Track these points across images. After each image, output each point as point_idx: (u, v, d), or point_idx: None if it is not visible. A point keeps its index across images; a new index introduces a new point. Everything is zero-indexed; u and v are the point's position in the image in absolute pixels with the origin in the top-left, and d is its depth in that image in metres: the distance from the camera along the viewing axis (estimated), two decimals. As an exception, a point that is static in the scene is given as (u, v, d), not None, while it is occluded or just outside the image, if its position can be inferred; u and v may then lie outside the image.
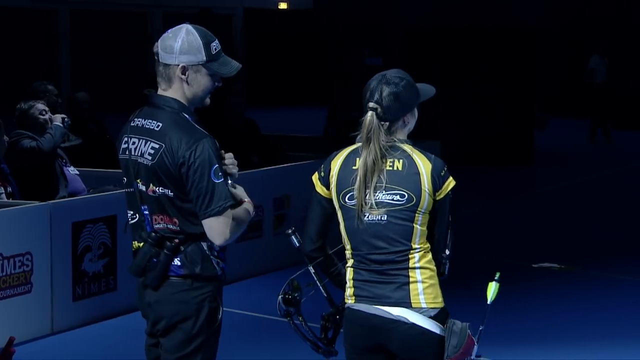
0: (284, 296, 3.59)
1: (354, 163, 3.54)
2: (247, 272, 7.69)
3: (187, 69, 3.59)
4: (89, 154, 8.22)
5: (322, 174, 3.59)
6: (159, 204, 3.58)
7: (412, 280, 3.49)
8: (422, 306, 3.48)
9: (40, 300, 6.33)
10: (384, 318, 3.48)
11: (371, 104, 3.53)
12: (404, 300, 3.48)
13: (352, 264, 3.56)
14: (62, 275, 6.43)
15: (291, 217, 8.26)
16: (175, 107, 3.61)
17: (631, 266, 8.37)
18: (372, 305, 3.50)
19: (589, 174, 13.74)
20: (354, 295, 3.54)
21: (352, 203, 3.51)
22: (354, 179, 3.51)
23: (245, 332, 6.43)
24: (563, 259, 8.44)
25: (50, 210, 6.43)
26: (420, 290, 3.48)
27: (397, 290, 3.48)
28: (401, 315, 3.47)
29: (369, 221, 3.49)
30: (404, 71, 3.64)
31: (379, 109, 3.52)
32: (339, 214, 3.56)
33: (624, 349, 6.25)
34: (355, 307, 3.54)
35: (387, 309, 3.48)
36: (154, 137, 3.57)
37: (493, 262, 8.37)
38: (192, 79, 3.61)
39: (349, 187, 3.52)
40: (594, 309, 7.10)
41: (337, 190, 3.54)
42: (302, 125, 17.41)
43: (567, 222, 10.43)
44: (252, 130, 9.45)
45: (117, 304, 6.65)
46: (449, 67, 14.11)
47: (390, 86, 3.54)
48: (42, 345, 6.20)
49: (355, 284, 3.54)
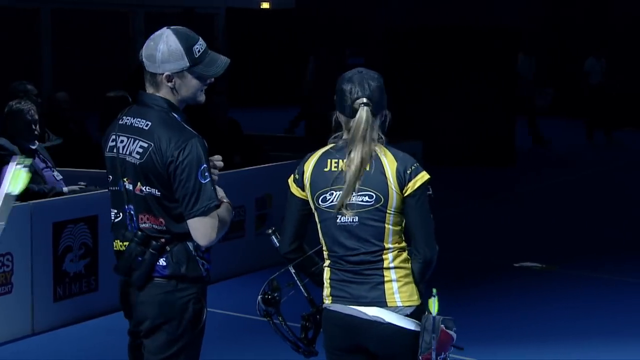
0: (263, 296, 3.59)
1: (325, 165, 3.52)
2: (229, 272, 7.68)
3: (172, 77, 3.58)
4: (69, 154, 8.18)
5: (296, 176, 3.58)
6: (146, 203, 3.57)
7: (387, 280, 3.48)
8: (397, 305, 3.47)
9: (21, 300, 6.29)
10: (360, 319, 3.48)
11: (363, 99, 3.47)
12: (379, 300, 3.47)
13: (329, 264, 3.56)
14: (43, 276, 6.41)
15: (273, 217, 8.25)
16: (165, 107, 3.60)
17: (612, 265, 8.41)
18: (347, 306, 3.50)
19: (571, 174, 13.80)
20: (330, 296, 3.54)
21: (325, 205, 3.50)
22: (331, 181, 3.49)
23: (227, 332, 6.42)
24: (544, 258, 8.48)
25: (31, 210, 6.40)
26: (395, 289, 3.48)
27: (372, 290, 3.48)
28: (377, 315, 3.47)
29: (342, 223, 3.49)
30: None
31: (370, 104, 3.48)
32: (315, 215, 3.56)
33: (604, 348, 6.28)
34: (332, 307, 3.54)
35: (363, 309, 3.48)
36: (142, 136, 3.56)
37: (474, 262, 8.40)
38: (179, 85, 3.60)
39: (321, 189, 3.51)
40: (574, 308, 7.14)
41: (312, 192, 3.53)
42: (284, 126, 17.41)
43: (549, 222, 10.47)
44: (235, 130, 9.45)
45: (99, 304, 6.63)
46: (430, 67, 14.14)
47: (374, 80, 3.51)
48: (23, 345, 6.17)
49: (332, 284, 3.54)
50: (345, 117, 3.52)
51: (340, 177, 3.49)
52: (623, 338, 6.50)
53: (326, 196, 3.50)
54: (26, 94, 8.16)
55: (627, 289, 7.73)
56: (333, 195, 3.49)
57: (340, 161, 3.50)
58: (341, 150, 3.52)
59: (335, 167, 3.51)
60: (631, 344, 6.40)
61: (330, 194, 3.50)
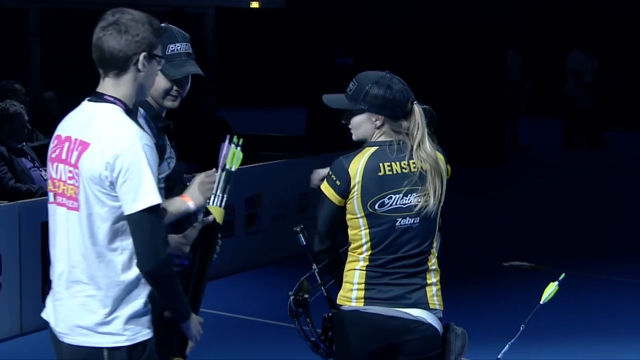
0: (295, 297, 3.54)
1: (378, 169, 3.49)
2: (219, 272, 7.66)
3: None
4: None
5: (337, 182, 3.50)
6: None
7: (428, 283, 3.55)
8: (437, 307, 3.55)
9: (9, 300, 6.27)
10: (404, 319, 3.50)
11: (413, 97, 3.59)
12: (422, 302, 3.52)
13: (365, 267, 3.52)
14: (31, 276, 6.38)
15: (263, 217, 8.24)
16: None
17: (602, 264, 8.43)
18: (389, 308, 3.50)
19: (560, 173, 13.83)
20: (363, 298, 3.51)
21: (383, 210, 3.48)
22: (388, 185, 3.47)
23: (217, 332, 6.40)
24: (534, 257, 8.49)
25: (19, 210, 6.37)
26: (434, 292, 3.56)
27: (415, 292, 3.52)
28: (420, 316, 3.51)
29: (402, 226, 3.49)
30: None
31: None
32: (361, 221, 3.51)
33: (594, 347, 6.30)
34: (369, 309, 3.51)
35: (407, 310, 3.50)
36: None
37: (464, 261, 8.40)
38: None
39: (377, 195, 3.48)
40: (564, 307, 7.14)
41: (363, 199, 3.48)
42: (274, 125, 17.40)
43: (538, 221, 10.49)
44: (224, 130, 9.43)
45: (87, 304, 6.60)
46: (418, 67, 14.14)
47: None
48: (11, 346, 6.15)
49: (367, 287, 3.51)
50: (395, 119, 3.52)
51: (397, 179, 3.48)
52: (614, 337, 6.52)
53: (384, 201, 3.48)
54: (14, 94, 8.14)
55: (621, 288, 7.76)
56: (392, 200, 3.48)
57: (393, 164, 3.49)
58: (392, 150, 3.51)
59: (390, 171, 3.49)
60: (622, 343, 6.41)
61: (388, 198, 3.48)
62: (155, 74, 3.19)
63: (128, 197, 2.96)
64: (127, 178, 2.95)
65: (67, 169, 3.06)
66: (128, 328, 3.03)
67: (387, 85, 3.53)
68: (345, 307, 3.54)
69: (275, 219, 8.40)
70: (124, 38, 3.04)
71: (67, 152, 3.06)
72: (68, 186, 3.06)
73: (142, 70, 3.08)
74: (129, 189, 2.95)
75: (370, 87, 3.53)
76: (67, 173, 3.06)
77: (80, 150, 3.02)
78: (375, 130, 3.54)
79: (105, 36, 3.06)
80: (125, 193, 2.96)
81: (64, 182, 3.07)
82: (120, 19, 3.06)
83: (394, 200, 3.48)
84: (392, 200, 3.48)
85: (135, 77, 3.08)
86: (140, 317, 3.05)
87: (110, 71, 3.09)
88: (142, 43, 3.05)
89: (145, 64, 3.07)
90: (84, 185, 3.01)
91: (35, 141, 7.79)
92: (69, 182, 3.06)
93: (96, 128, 3.01)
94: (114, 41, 3.05)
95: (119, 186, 2.96)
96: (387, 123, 3.53)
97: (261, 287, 7.45)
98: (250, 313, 6.84)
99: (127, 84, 3.08)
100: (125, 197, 2.96)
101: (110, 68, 3.08)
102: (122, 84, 3.08)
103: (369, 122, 3.54)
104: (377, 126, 3.53)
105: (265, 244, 8.09)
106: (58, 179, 3.10)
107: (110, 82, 3.09)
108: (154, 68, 3.13)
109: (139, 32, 3.05)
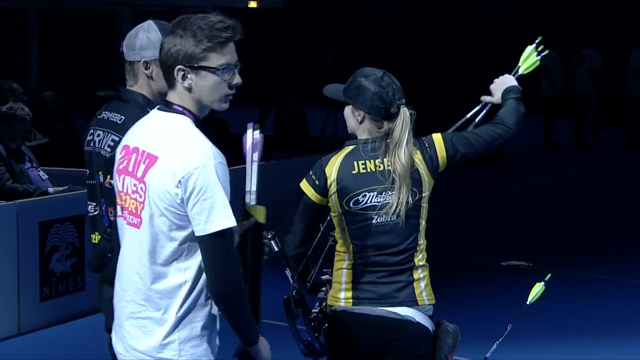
0: (295, 297, 3.48)
1: (352, 168, 3.49)
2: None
3: (149, 64, 3.61)
4: (56, 153, 8.15)
5: (316, 182, 3.52)
6: (113, 197, 3.56)
7: (415, 279, 3.52)
8: (425, 303, 3.51)
9: (7, 300, 6.27)
10: (391, 319, 3.49)
11: (403, 100, 3.54)
12: (410, 299, 3.49)
13: (351, 265, 3.52)
14: (29, 275, 6.38)
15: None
16: (140, 102, 3.63)
17: (600, 264, 8.43)
18: (377, 307, 3.49)
19: (559, 173, 13.83)
20: (352, 298, 3.51)
21: (358, 208, 3.47)
22: (362, 183, 3.47)
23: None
24: (532, 257, 8.49)
25: (17, 209, 6.37)
26: (422, 288, 3.52)
27: (402, 290, 3.50)
28: (408, 314, 3.49)
29: (378, 223, 3.47)
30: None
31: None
32: (340, 219, 3.51)
33: (591, 346, 6.30)
34: (357, 310, 3.50)
35: (394, 309, 3.49)
36: (115, 130, 3.60)
37: (461, 260, 8.40)
38: (156, 74, 3.61)
39: (352, 192, 3.48)
40: (561, 306, 7.15)
41: (340, 196, 3.49)
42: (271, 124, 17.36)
43: (537, 220, 10.49)
44: (221, 129, 9.43)
45: (85, 303, 6.60)
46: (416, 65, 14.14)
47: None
48: (9, 346, 6.14)
49: (355, 286, 3.50)
50: (379, 118, 3.51)
51: (371, 177, 3.48)
52: (611, 337, 6.52)
53: (358, 199, 3.48)
54: (12, 93, 8.13)
55: (619, 288, 7.76)
56: (366, 197, 3.47)
57: (367, 162, 3.49)
58: (366, 149, 3.50)
59: (364, 169, 3.49)
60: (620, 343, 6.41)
61: (363, 196, 3.48)
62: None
63: (200, 218, 2.77)
64: (199, 198, 2.76)
65: (133, 182, 2.89)
66: (185, 352, 2.87)
67: (375, 82, 3.51)
68: (335, 307, 3.54)
69: (273, 219, 8.40)
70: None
71: (134, 165, 2.89)
72: (131, 200, 2.90)
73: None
74: (201, 210, 2.77)
75: (359, 81, 3.53)
76: (132, 186, 2.89)
77: (147, 164, 2.85)
78: (359, 125, 3.54)
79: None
80: (197, 214, 2.77)
81: (129, 195, 2.91)
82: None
83: (368, 198, 3.47)
84: (367, 198, 3.47)
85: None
86: (199, 340, 2.90)
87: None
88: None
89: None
90: (150, 201, 2.84)
91: (33, 140, 7.79)
92: (132, 195, 2.90)
93: (165, 141, 2.84)
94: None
95: (191, 206, 2.77)
96: (368, 120, 3.52)
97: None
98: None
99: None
100: (198, 217, 2.78)
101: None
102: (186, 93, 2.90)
103: (352, 116, 3.55)
104: (358, 121, 3.53)
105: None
106: (124, 192, 2.94)
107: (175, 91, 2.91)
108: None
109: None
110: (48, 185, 7.15)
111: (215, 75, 2.89)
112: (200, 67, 2.86)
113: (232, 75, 2.94)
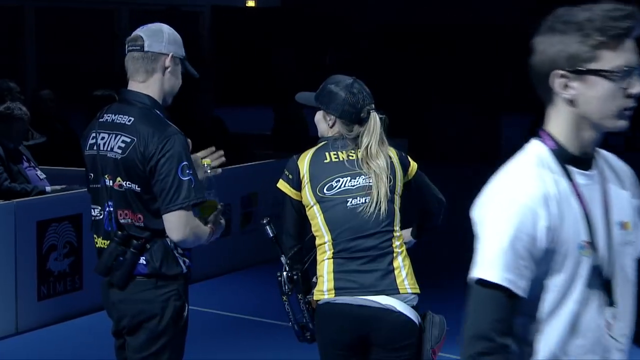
0: (287, 274, 3.61)
1: (324, 158, 3.60)
2: (215, 271, 7.66)
3: (173, 59, 3.63)
4: (54, 152, 8.14)
5: (289, 176, 3.63)
6: (125, 199, 3.55)
7: (396, 267, 3.53)
8: (407, 292, 3.52)
9: (5, 299, 6.26)
10: (372, 308, 3.49)
11: (372, 105, 3.64)
12: (391, 287, 3.50)
13: (332, 255, 3.56)
14: (27, 275, 6.37)
15: (259, 215, 8.23)
16: (147, 103, 3.61)
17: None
18: (357, 297, 3.50)
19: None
20: (333, 289, 3.53)
21: (332, 193, 3.55)
22: (334, 170, 3.57)
23: (213, 331, 6.40)
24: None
25: (15, 209, 6.36)
26: (404, 276, 3.53)
27: (383, 278, 3.51)
28: (389, 303, 3.49)
29: (353, 206, 3.54)
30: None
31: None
32: (315, 209, 3.57)
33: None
34: (338, 300, 3.52)
35: (374, 298, 3.49)
36: (125, 131, 3.56)
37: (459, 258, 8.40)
38: (173, 71, 3.64)
39: (325, 179, 3.57)
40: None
41: (312, 185, 3.58)
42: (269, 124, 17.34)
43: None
44: (219, 129, 9.43)
45: (83, 303, 6.60)
46: (415, 64, 14.16)
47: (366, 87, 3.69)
48: (7, 345, 6.14)
49: (336, 276, 3.53)
50: (349, 122, 3.62)
51: (343, 165, 3.58)
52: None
53: (332, 184, 3.57)
54: (10, 93, 8.12)
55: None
56: (340, 182, 3.57)
57: (339, 152, 3.60)
58: (336, 144, 3.62)
59: (336, 158, 3.60)
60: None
61: (336, 182, 3.57)
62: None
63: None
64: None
65: None
66: None
67: (345, 89, 3.62)
68: (319, 300, 3.57)
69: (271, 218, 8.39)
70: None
71: None
72: None
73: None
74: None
75: (329, 88, 3.66)
76: None
77: None
78: (329, 129, 3.66)
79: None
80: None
81: None
82: None
83: (342, 182, 3.56)
84: (340, 183, 3.56)
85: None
86: None
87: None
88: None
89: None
90: None
91: (30, 140, 7.78)
92: None
93: None
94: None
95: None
96: (339, 124, 3.63)
97: (257, 286, 7.44)
98: (247, 312, 6.83)
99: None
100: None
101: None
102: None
103: (324, 120, 3.68)
104: (330, 125, 3.66)
105: (261, 242, 8.09)
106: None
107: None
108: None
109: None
110: (46, 184, 7.13)
111: (609, 81, 2.15)
112: (589, 70, 2.15)
113: (632, 81, 2.16)
